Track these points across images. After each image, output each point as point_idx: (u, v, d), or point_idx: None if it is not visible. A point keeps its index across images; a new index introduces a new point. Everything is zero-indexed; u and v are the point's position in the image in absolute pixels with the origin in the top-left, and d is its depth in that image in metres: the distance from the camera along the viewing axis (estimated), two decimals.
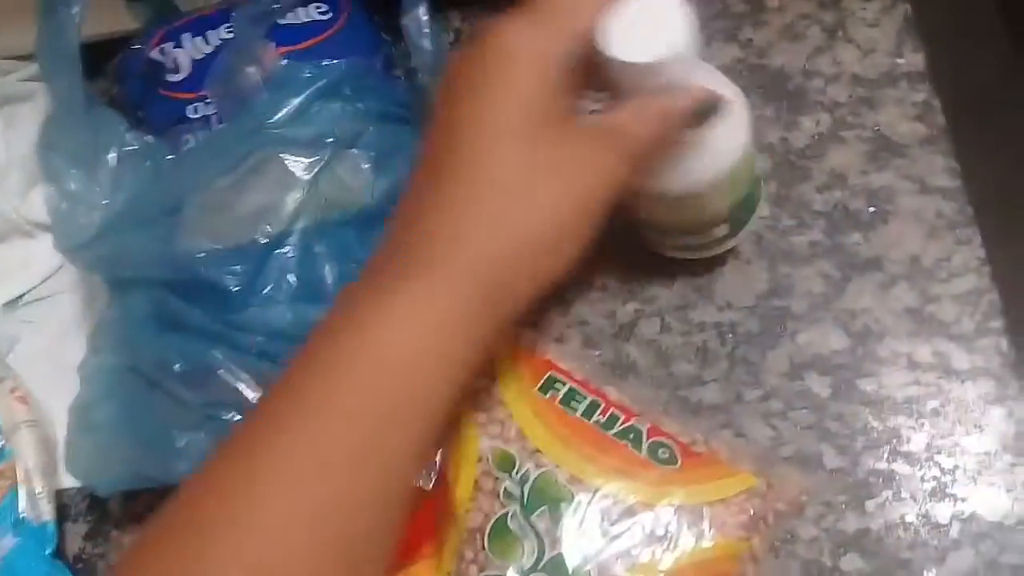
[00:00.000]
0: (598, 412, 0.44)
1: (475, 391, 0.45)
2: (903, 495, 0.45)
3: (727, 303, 0.50)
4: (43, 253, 0.57)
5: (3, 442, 0.49)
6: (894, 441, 0.46)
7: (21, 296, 0.57)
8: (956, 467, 0.45)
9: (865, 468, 0.46)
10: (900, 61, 0.55)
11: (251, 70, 0.48)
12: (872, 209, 0.51)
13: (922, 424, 0.46)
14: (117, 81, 0.57)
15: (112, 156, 0.51)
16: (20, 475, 0.48)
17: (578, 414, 0.44)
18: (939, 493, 0.45)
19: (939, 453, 0.46)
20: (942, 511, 0.44)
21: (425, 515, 0.44)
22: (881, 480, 0.45)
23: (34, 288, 0.57)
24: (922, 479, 0.45)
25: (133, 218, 0.48)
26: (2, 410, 0.49)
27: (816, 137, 0.53)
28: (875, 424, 0.47)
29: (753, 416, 0.48)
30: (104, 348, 0.49)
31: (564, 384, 0.45)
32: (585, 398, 0.44)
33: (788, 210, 0.52)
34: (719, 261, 0.51)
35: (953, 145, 0.51)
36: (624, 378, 0.50)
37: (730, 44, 0.57)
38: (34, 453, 0.49)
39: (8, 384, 0.50)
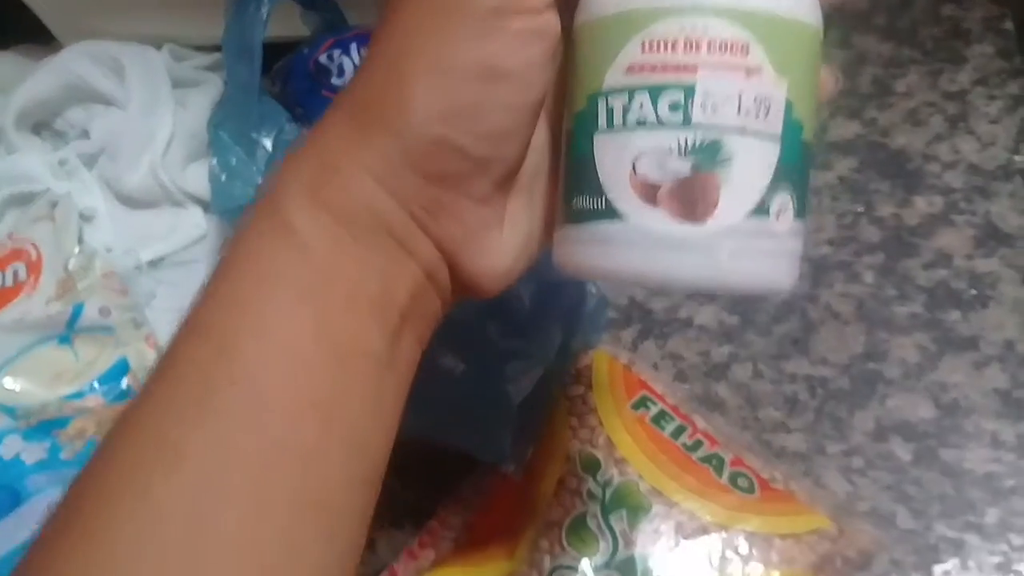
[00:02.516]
0: (685, 435, 0.46)
1: (570, 397, 0.48)
2: (970, 565, 0.46)
3: (822, 359, 0.52)
4: (189, 223, 0.62)
5: (132, 381, 0.53)
6: (968, 513, 0.47)
7: (162, 258, 0.62)
8: None
9: (937, 534, 0.47)
10: (1017, 158, 0.57)
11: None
12: (974, 292, 0.53)
13: (998, 500, 0.47)
14: (282, 79, 0.62)
15: (270, 141, 0.56)
16: None
17: (666, 433, 0.46)
18: (1006, 568, 0.45)
19: (1011, 531, 0.46)
20: None
21: (506, 503, 0.47)
22: (952, 547, 0.46)
23: (175, 253, 0.62)
24: (991, 552, 0.46)
25: None
26: (136, 353, 0.54)
27: (927, 217, 0.56)
28: (952, 494, 0.48)
29: (834, 469, 0.49)
30: None
31: (656, 404, 0.47)
32: (674, 420, 0.47)
33: (892, 281, 0.54)
34: (819, 318, 0.53)
35: None
36: (711, 414, 0.52)
37: (852, 121, 0.60)
38: None
39: (145, 330, 0.55)
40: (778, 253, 0.27)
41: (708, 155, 0.25)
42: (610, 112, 0.26)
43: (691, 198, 0.25)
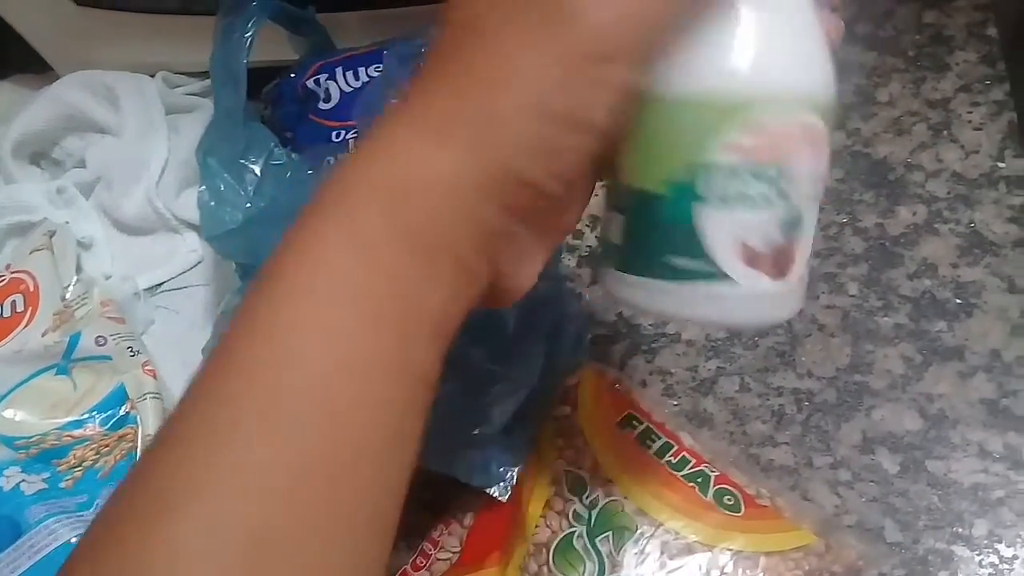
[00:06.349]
0: (670, 453, 0.47)
1: (556, 418, 0.49)
2: None
3: (808, 372, 0.53)
4: (185, 249, 0.63)
5: (129, 408, 0.54)
6: (956, 524, 0.47)
7: (160, 284, 0.62)
8: (1015, 557, 0.46)
9: (925, 546, 0.47)
10: (1001, 165, 0.57)
11: (395, 102, 0.53)
12: (959, 301, 0.53)
13: (986, 511, 0.47)
14: (270, 103, 0.63)
15: (258, 167, 0.57)
16: (140, 441, 0.53)
17: (651, 452, 0.47)
18: None
19: (999, 542, 0.47)
20: None
21: (496, 525, 0.48)
22: (940, 560, 0.47)
23: (172, 279, 0.63)
24: (980, 564, 0.46)
25: (270, 217, 0.53)
26: (133, 380, 0.55)
27: (911, 227, 0.56)
28: (939, 505, 0.48)
29: (820, 482, 0.50)
30: None
31: (642, 423, 0.48)
32: (660, 438, 0.47)
33: (876, 292, 0.54)
34: (804, 331, 0.54)
35: None
36: (699, 430, 0.52)
37: (837, 131, 0.60)
38: (155, 422, 0.54)
39: (141, 358, 0.56)
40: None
41: (795, 224, 0.30)
42: (713, 186, 0.29)
43: (783, 261, 0.31)
